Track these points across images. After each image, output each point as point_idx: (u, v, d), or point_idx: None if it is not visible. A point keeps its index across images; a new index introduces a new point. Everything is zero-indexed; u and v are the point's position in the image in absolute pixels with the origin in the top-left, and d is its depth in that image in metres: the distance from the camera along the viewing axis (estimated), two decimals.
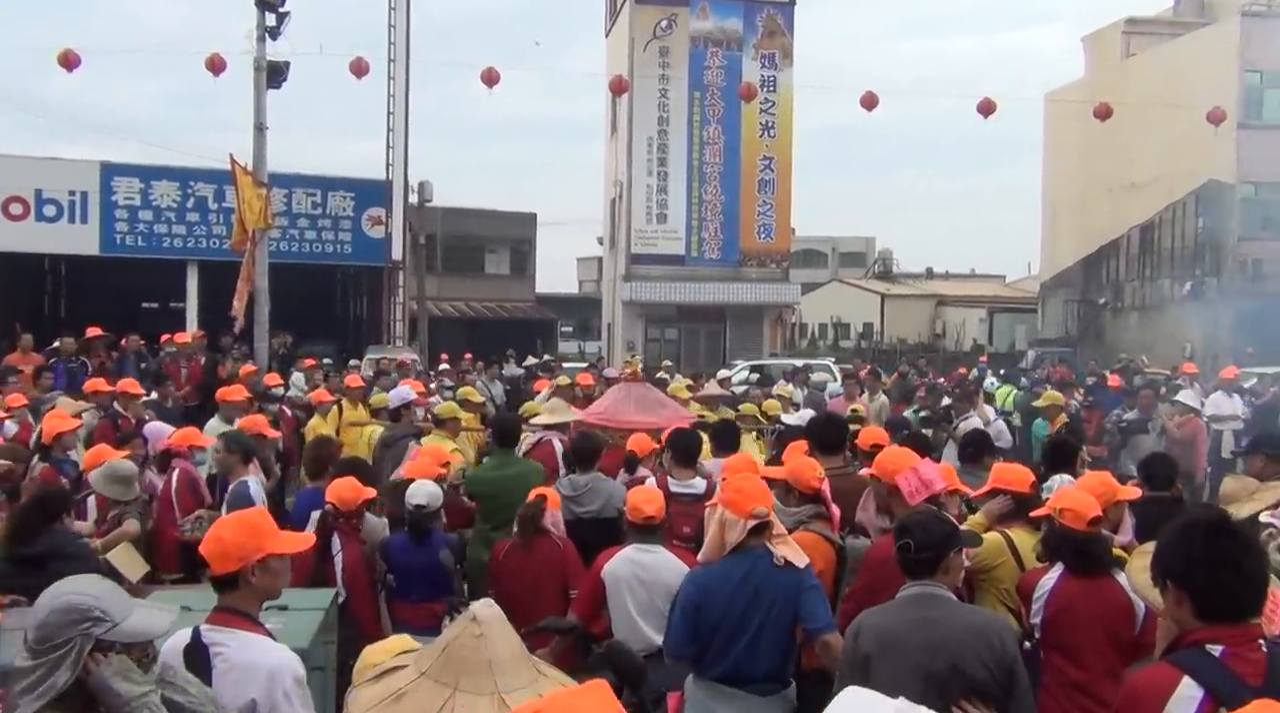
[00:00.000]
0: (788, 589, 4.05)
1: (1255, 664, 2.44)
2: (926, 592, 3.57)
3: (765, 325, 34.07)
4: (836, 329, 54.73)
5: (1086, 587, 4.07)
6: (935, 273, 63.23)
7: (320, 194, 27.68)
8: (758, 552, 4.09)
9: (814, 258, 66.30)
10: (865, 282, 57.61)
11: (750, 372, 23.44)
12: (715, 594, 4.09)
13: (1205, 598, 2.50)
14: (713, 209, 32.89)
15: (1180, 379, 16.00)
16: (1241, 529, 2.54)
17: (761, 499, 4.08)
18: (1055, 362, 27.41)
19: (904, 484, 4.72)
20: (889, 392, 14.60)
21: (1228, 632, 2.48)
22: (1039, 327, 42.37)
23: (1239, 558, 2.49)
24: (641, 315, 33.32)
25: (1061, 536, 4.21)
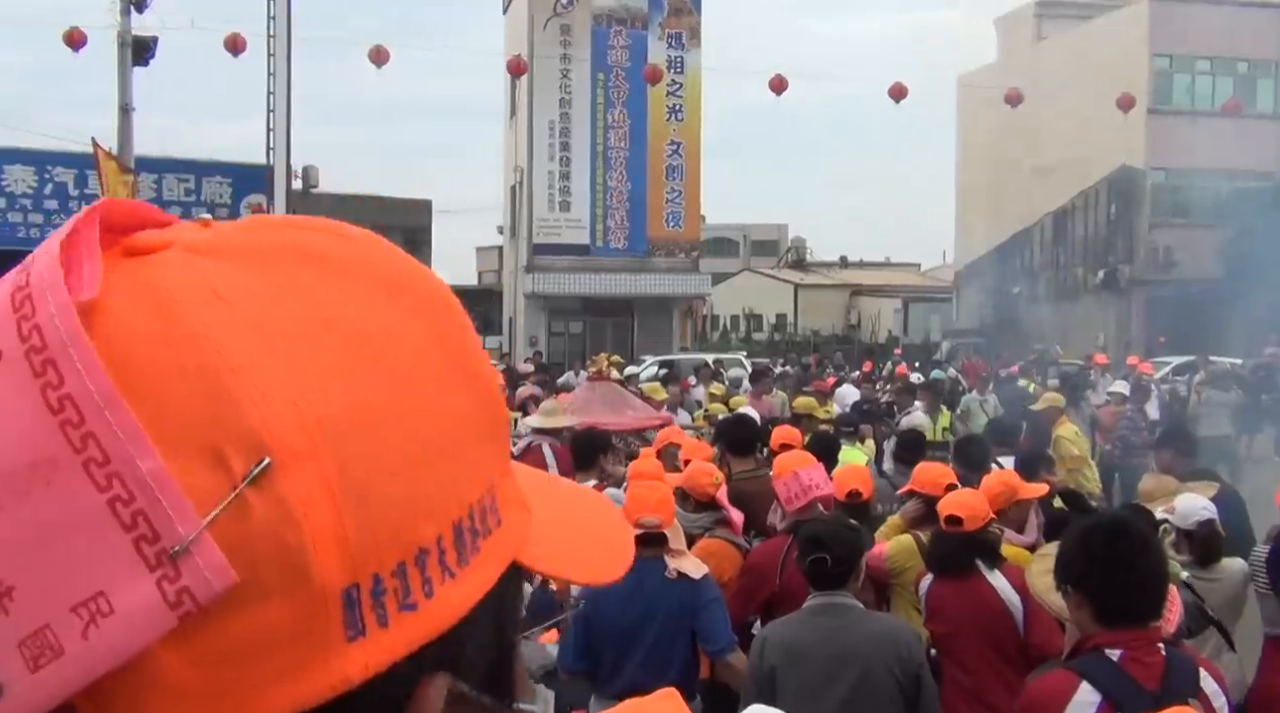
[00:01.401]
0: (682, 603, 4.09)
1: (1152, 668, 2.57)
2: (833, 602, 3.68)
3: (675, 318, 34.25)
4: (749, 321, 55.29)
5: (956, 589, 4.25)
6: (850, 262, 64.33)
7: (194, 180, 26.97)
8: (650, 564, 4.11)
9: (725, 247, 66.83)
10: (778, 271, 58.37)
11: (660, 367, 23.59)
12: (606, 607, 4.14)
13: (1103, 602, 2.63)
14: (618, 196, 32.95)
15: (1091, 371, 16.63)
16: (1139, 532, 2.67)
17: (655, 509, 4.09)
18: (970, 353, 28.23)
19: (782, 490, 4.84)
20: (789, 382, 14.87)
21: (1126, 636, 2.59)
22: (954, 317, 43.49)
23: (1135, 561, 2.61)
24: (544, 308, 33.23)
25: (933, 535, 4.40)
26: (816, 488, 4.85)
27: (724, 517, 5.06)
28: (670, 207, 33.44)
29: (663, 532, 4.12)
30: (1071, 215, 35.78)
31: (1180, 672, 2.58)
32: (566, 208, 32.82)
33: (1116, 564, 2.61)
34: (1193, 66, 32.79)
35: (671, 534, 4.17)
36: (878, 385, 17.43)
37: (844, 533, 3.84)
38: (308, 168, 29.67)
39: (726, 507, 5.07)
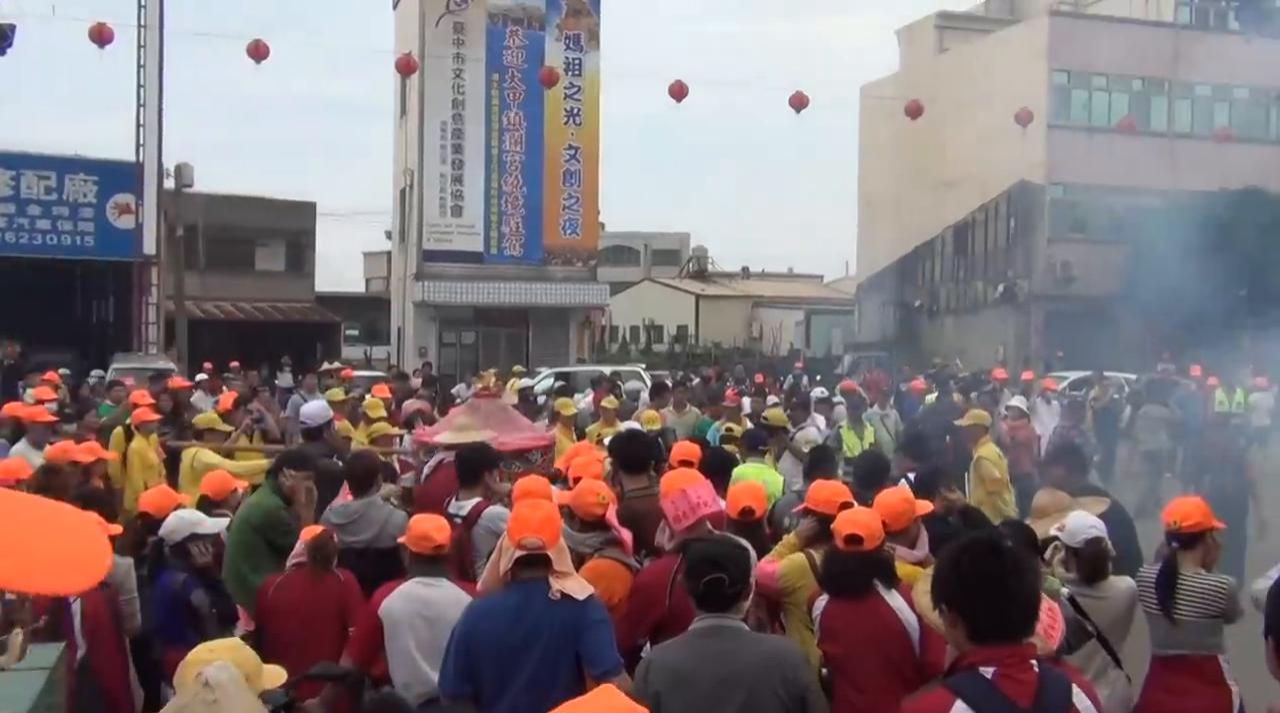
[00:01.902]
0: (566, 625, 4.08)
1: (1025, 685, 2.65)
2: (720, 624, 3.70)
3: (571, 329, 34.27)
4: (649, 332, 55.57)
5: (853, 608, 4.32)
6: (752, 272, 65.18)
7: (55, 177, 26.10)
8: (534, 585, 4.10)
9: (624, 256, 67.04)
10: (679, 281, 58.81)
11: (555, 379, 23.55)
12: (488, 628, 4.11)
13: (975, 620, 2.71)
14: (513, 202, 32.83)
15: (990, 385, 17.12)
16: (1010, 550, 2.77)
17: (538, 529, 4.07)
18: (871, 367, 28.78)
19: (670, 508, 4.85)
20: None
21: (1000, 653, 2.67)
22: (856, 330, 44.36)
23: (1006, 579, 2.69)
24: (435, 318, 32.92)
25: (827, 554, 4.48)
26: (705, 506, 4.85)
27: (613, 537, 5.06)
28: (568, 213, 33.45)
29: (546, 553, 4.10)
30: (972, 229, 36.81)
31: (1053, 689, 2.66)
32: (459, 213, 32.57)
33: (987, 582, 2.70)
34: (1090, 83, 34.07)
35: (556, 555, 4.14)
36: (783, 400, 17.64)
37: (737, 552, 3.87)
38: (181, 166, 28.97)
39: (615, 526, 5.08)
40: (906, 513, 5.07)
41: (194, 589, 5.50)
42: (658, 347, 51.83)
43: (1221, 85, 35.00)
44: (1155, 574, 5.09)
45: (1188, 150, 32.41)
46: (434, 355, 31.94)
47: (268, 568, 5.97)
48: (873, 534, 4.41)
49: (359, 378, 19.83)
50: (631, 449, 6.29)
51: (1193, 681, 4.92)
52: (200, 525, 5.66)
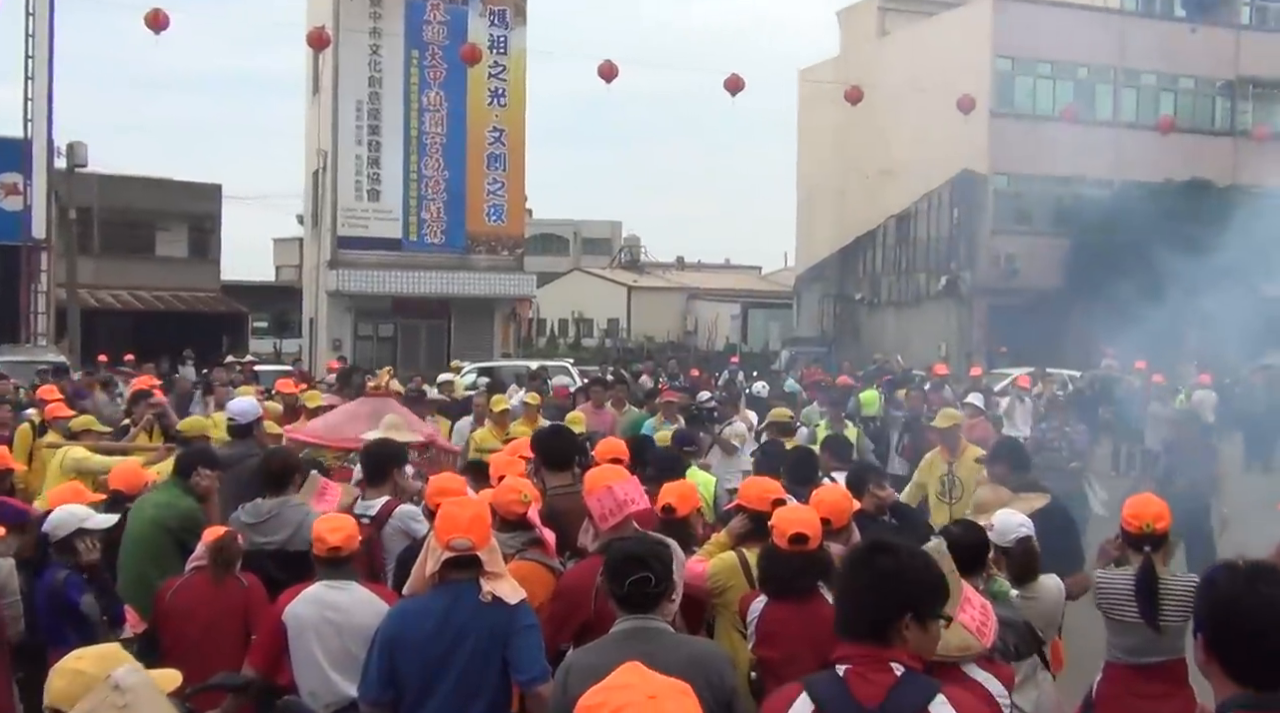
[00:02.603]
0: (495, 629, 4.09)
1: (877, 686, 2.76)
2: (644, 626, 3.72)
3: (496, 321, 34.13)
4: (579, 325, 55.59)
5: (795, 610, 4.36)
6: (687, 263, 65.53)
7: None
8: (464, 587, 4.11)
9: (553, 244, 67.00)
10: (610, 272, 58.91)
11: (479, 375, 23.42)
12: (412, 632, 4.10)
13: (839, 615, 2.94)
14: (434, 186, 32.61)
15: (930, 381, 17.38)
16: (883, 548, 2.92)
17: (468, 529, 4.07)
18: (809, 362, 29.07)
19: (595, 506, 4.88)
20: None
21: (856, 651, 2.82)
22: (795, 323, 44.75)
23: (859, 577, 2.89)
24: (350, 309, 32.62)
25: (767, 554, 4.53)
26: (631, 503, 4.88)
27: (535, 537, 5.06)
28: (492, 199, 33.31)
29: (476, 554, 4.10)
30: (914, 219, 37.28)
31: (908, 693, 2.76)
32: (376, 197, 32.27)
33: (852, 581, 2.91)
34: (1034, 69, 34.70)
35: (488, 556, 4.14)
36: (714, 394, 17.78)
37: (661, 550, 3.89)
38: (73, 144, 28.37)
39: (538, 526, 5.08)
40: (848, 509, 5.14)
41: (76, 588, 5.44)
42: (588, 341, 51.85)
43: (1167, 74, 35.86)
44: (1130, 581, 5.08)
45: (1133, 140, 33.12)
46: (349, 349, 31.67)
47: (176, 571, 5.90)
48: (816, 533, 4.46)
49: (265, 373, 19.55)
50: (554, 444, 6.31)
51: (1167, 684, 5.02)
52: (88, 520, 5.57)
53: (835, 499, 5.18)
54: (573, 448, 6.34)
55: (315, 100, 34.60)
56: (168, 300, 37.38)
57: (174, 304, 37.25)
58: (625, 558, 3.82)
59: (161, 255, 39.08)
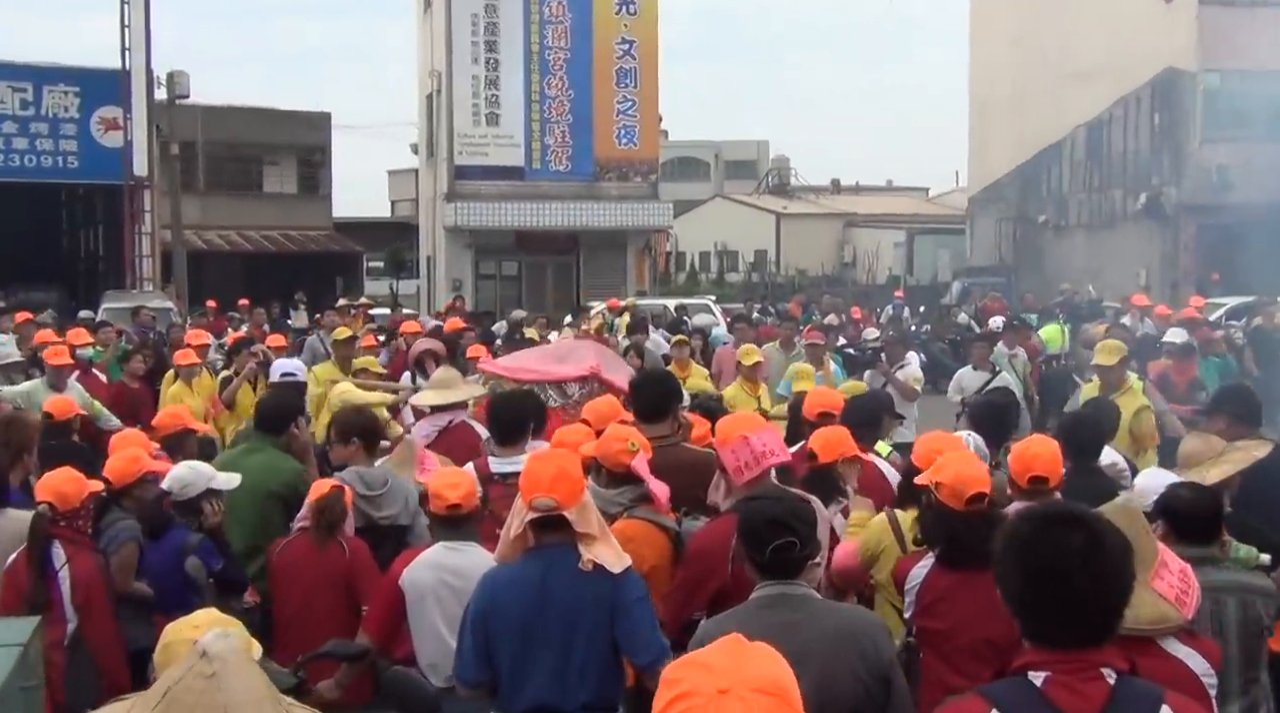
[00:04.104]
0: (599, 602, 4.04)
1: (1087, 699, 2.51)
2: (787, 592, 3.66)
3: (630, 256, 34.22)
4: (722, 258, 55.38)
5: (964, 580, 4.21)
6: (843, 187, 64.56)
7: (32, 89, 26.53)
8: (557, 553, 4.07)
9: (691, 169, 66.67)
10: (757, 198, 58.43)
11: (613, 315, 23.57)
12: (507, 603, 4.09)
13: (1032, 619, 2.62)
14: (559, 108, 32.69)
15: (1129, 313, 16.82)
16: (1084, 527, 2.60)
17: (551, 487, 4.01)
18: (986, 294, 28.43)
19: (730, 459, 4.79)
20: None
21: (1056, 657, 2.55)
22: (967, 251, 43.81)
23: (1070, 568, 2.54)
24: (470, 245, 33.06)
25: (936, 516, 4.39)
26: (771, 455, 4.80)
27: (645, 492, 4.99)
28: (623, 120, 33.26)
29: (563, 514, 4.04)
30: (1108, 128, 36.03)
31: (1130, 704, 2.51)
32: (495, 122, 32.51)
33: (1043, 573, 2.58)
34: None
35: (578, 516, 4.07)
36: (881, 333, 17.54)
37: (803, 509, 3.82)
38: (174, 74, 29.24)
39: (647, 479, 5.00)
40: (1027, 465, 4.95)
41: (212, 553, 5.66)
42: (732, 276, 51.66)
43: None
44: None
45: None
46: (469, 289, 32.14)
47: (279, 535, 6.09)
48: (983, 493, 4.33)
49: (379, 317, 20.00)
50: (649, 391, 6.26)
51: None
52: (215, 480, 5.75)
53: (1050, 452, 4.94)
54: (670, 396, 6.22)
55: (427, 16, 34.94)
56: (277, 240, 38.45)
57: (284, 244, 38.29)
58: (766, 521, 3.74)
59: (270, 192, 40.20)
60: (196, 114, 33.66)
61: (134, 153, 26.64)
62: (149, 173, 27.25)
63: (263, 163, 40.31)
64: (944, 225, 49.85)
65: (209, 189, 37.63)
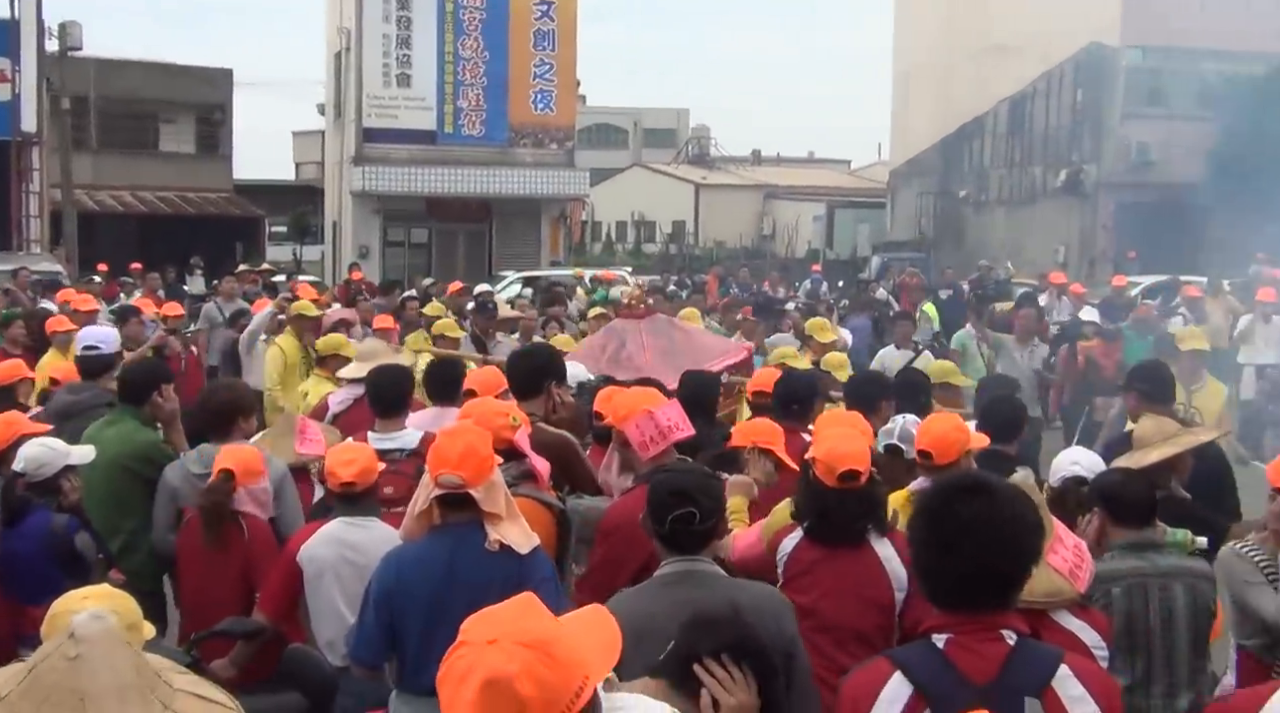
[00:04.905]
0: (506, 582, 3.98)
1: (987, 659, 2.66)
2: (691, 568, 3.72)
3: (544, 225, 34.16)
4: (639, 229, 55.46)
5: (830, 555, 4.35)
6: (764, 157, 64.91)
7: None
8: (463, 532, 4.08)
9: (609, 136, 66.61)
10: (676, 168, 58.51)
11: (523, 285, 23.53)
12: (414, 582, 4.09)
13: (933, 581, 2.78)
14: (473, 70, 32.46)
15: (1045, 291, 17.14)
16: (982, 488, 2.78)
17: (459, 464, 4.01)
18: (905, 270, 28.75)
19: (634, 434, 4.84)
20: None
21: (958, 619, 2.71)
22: (888, 226, 44.29)
23: (958, 537, 2.70)
24: (379, 211, 32.78)
25: (809, 490, 4.46)
26: (676, 430, 4.87)
27: (528, 469, 4.99)
28: (540, 84, 33.12)
29: (469, 492, 4.04)
30: (1030, 103, 36.55)
31: (1028, 666, 2.66)
32: (406, 83, 32.20)
33: (941, 541, 2.74)
34: None
35: (485, 495, 4.07)
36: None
37: (709, 483, 3.87)
38: (66, 24, 28.62)
39: (529, 455, 5.01)
40: (959, 443, 5.08)
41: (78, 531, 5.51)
42: (649, 246, 51.75)
43: None
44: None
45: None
46: (377, 256, 31.90)
47: (141, 511, 5.99)
48: (866, 467, 4.41)
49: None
50: (522, 365, 6.26)
51: None
52: (71, 455, 5.55)
53: (942, 429, 5.14)
54: (543, 371, 6.15)
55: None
56: (174, 202, 37.78)
57: (181, 206, 37.63)
58: (670, 491, 3.78)
59: (166, 151, 39.45)
60: (89, 68, 32.90)
61: (22, 107, 26.01)
62: (38, 129, 26.65)
63: (159, 120, 39.52)
64: (865, 199, 50.35)
65: (102, 147, 36.80)
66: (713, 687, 2.70)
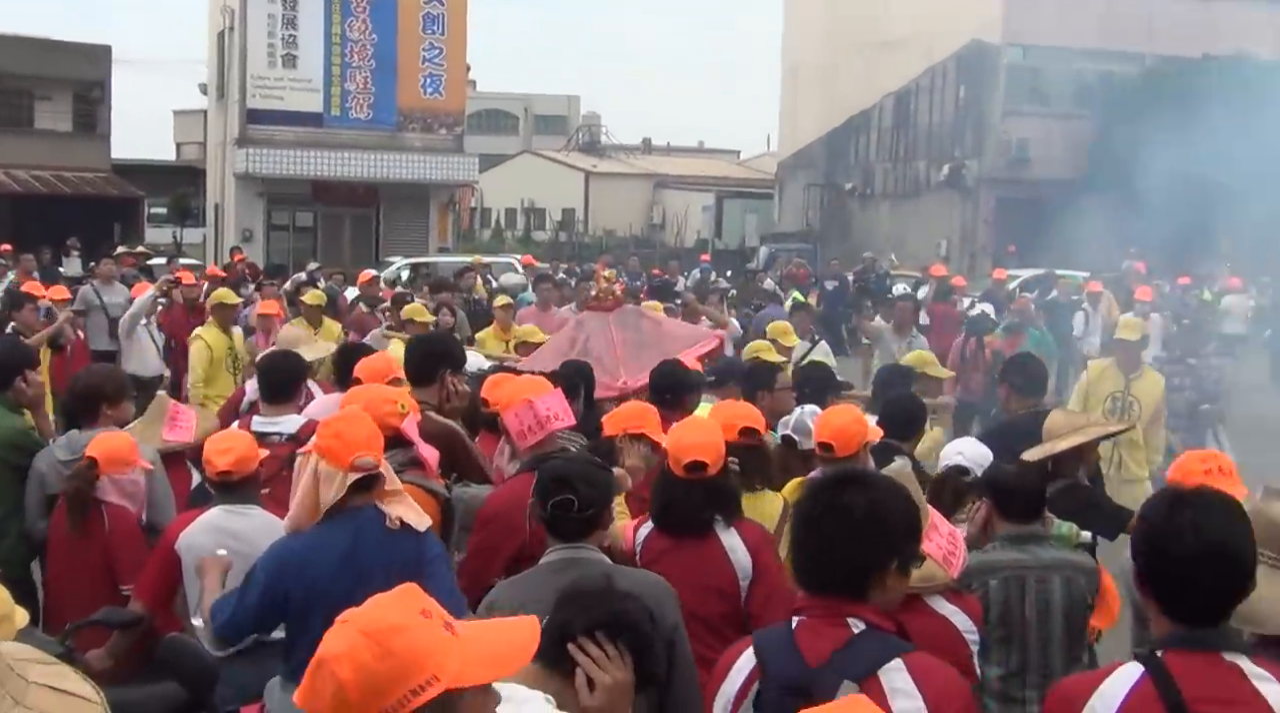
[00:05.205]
0: (408, 561, 4.05)
1: (825, 643, 2.75)
2: (575, 556, 3.76)
3: (433, 211, 33.93)
4: (529, 216, 55.25)
5: (676, 546, 4.40)
6: (654, 146, 65.06)
7: None
8: (365, 513, 4.09)
9: (499, 122, 66.22)
10: (566, 155, 58.38)
11: (410, 272, 23.34)
12: (320, 572, 4.07)
13: (797, 564, 2.90)
14: (361, 52, 32.08)
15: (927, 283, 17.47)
16: (856, 480, 2.88)
17: (368, 445, 4.05)
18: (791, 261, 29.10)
19: (513, 422, 4.90)
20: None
21: (816, 603, 2.82)
22: (776, 217, 44.69)
23: (816, 520, 2.83)
24: (263, 194, 32.29)
25: (660, 480, 4.52)
26: (555, 419, 4.92)
27: (414, 456, 4.98)
28: (429, 68, 32.87)
29: (380, 471, 4.09)
30: (915, 98, 37.11)
31: (861, 654, 2.72)
32: (292, 64, 31.71)
33: (804, 524, 2.86)
34: None
35: (387, 474, 4.14)
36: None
37: (594, 472, 3.90)
38: None
39: (417, 443, 4.99)
40: (858, 435, 5.11)
41: None
42: (539, 234, 51.59)
43: None
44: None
45: (1169, 9, 32.94)
46: (261, 240, 31.42)
47: (13, 502, 5.88)
48: (715, 459, 4.43)
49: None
50: (416, 354, 6.26)
51: None
52: None
53: (842, 422, 5.18)
54: (436, 358, 6.08)
55: None
56: (49, 181, 36.85)
57: (57, 186, 36.72)
58: (552, 478, 3.85)
59: (42, 128, 38.46)
60: None
61: None
62: None
63: (34, 97, 38.47)
64: (754, 190, 50.75)
65: None
66: (587, 666, 2.72)
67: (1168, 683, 2.63)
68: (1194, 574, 2.65)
